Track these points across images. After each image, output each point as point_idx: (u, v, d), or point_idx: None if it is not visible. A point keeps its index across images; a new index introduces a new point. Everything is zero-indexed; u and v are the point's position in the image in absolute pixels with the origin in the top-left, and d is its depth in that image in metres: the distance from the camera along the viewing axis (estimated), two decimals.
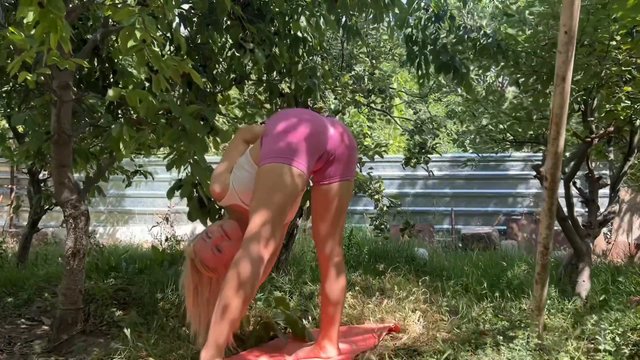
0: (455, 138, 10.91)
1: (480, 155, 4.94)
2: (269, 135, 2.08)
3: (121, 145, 2.61)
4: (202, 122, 2.75)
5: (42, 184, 4.96)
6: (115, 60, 3.61)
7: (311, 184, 2.29)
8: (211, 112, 2.75)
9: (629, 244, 6.32)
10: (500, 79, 11.06)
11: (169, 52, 3.48)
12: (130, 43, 1.91)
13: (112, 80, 3.66)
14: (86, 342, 2.67)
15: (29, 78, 1.98)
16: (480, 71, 4.08)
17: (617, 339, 2.15)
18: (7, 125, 5.50)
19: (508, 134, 4.66)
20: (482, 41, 3.44)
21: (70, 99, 2.80)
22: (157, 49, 2.15)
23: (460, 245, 7.07)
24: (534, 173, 3.64)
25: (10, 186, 9.19)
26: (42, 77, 2.55)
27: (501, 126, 4.42)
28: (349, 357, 2.21)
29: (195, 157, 2.67)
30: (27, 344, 2.85)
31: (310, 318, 2.98)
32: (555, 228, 8.03)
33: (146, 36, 1.98)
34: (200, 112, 2.72)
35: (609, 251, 6.29)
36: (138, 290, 3.66)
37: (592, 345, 2.23)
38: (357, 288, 3.47)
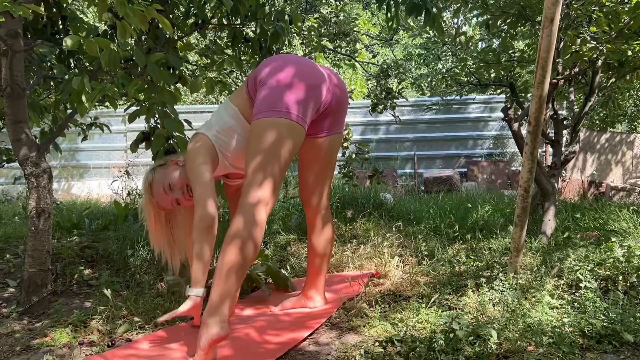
0: (412, 82, 10.92)
1: (444, 98, 4.94)
2: (265, 85, 1.94)
3: (83, 98, 2.44)
4: (168, 71, 2.60)
5: None
6: (64, 5, 3.34)
7: None
8: (177, 60, 2.59)
9: (582, 182, 6.59)
10: (456, 21, 11.00)
11: None
12: None
13: (61, 27, 3.40)
14: (60, 303, 2.59)
15: None
16: (449, 16, 4.02)
17: (588, 274, 2.25)
18: None
19: (473, 77, 4.68)
20: None
21: (22, 49, 2.58)
22: None
23: (423, 188, 7.20)
24: (501, 116, 3.68)
25: None
26: None
27: (467, 69, 4.42)
28: (336, 306, 2.23)
29: (166, 108, 2.53)
30: None
31: (288, 268, 2.98)
32: (514, 168, 8.24)
33: None
34: (167, 61, 2.56)
35: (563, 189, 6.55)
36: (105, 247, 3.55)
37: (563, 282, 2.32)
38: None
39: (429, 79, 9.87)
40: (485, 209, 4.64)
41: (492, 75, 4.46)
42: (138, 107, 3.04)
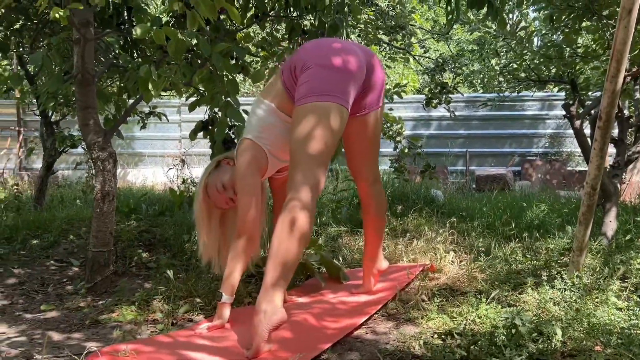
0: (463, 78, 10.72)
1: (500, 95, 4.83)
2: (311, 69, 1.93)
3: (150, 86, 2.52)
4: (232, 61, 2.65)
5: (55, 126, 4.89)
6: None
7: None
8: (242, 51, 2.64)
9: None
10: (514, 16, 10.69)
11: None
12: None
13: (126, 18, 3.52)
14: (122, 282, 2.70)
15: (60, 14, 1.88)
16: (509, 8, 3.92)
17: None
18: (10, 66, 5.36)
19: (532, 73, 4.55)
20: None
21: (93, 37, 2.69)
22: None
23: (475, 186, 7.06)
24: (558, 114, 3.57)
25: (17, 128, 9.10)
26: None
27: (526, 65, 4.30)
28: (392, 293, 2.24)
29: (229, 98, 2.59)
30: (60, 285, 2.88)
31: (340, 259, 2.99)
32: (571, 169, 7.96)
33: None
34: (230, 51, 2.61)
35: (622, 191, 6.29)
36: (162, 232, 3.67)
37: (630, 284, 2.24)
38: None
39: (481, 75, 9.67)
40: (541, 208, 4.51)
41: (553, 71, 4.32)
42: (198, 97, 3.13)
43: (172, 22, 3.15)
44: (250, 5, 3.44)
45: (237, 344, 1.74)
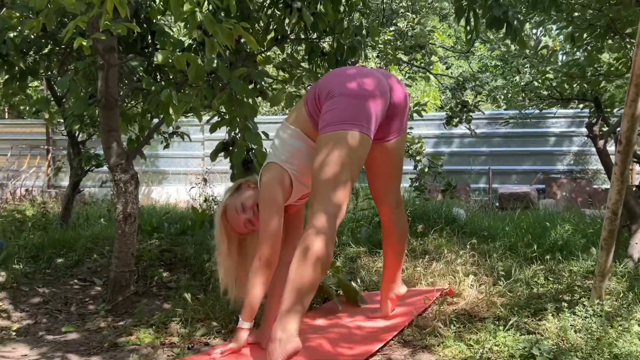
0: (487, 94, 10.66)
1: (522, 112, 4.79)
2: (335, 98, 1.95)
3: (171, 110, 2.58)
4: (250, 85, 2.69)
5: (81, 146, 5.01)
6: (154, 21, 3.54)
7: None
8: (259, 75, 2.68)
9: None
10: (536, 32, 10.63)
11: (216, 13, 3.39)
12: (187, 7, 1.85)
13: (150, 41, 3.61)
14: (141, 304, 2.73)
15: (84, 44, 1.94)
16: (529, 27, 3.90)
17: None
18: (40, 88, 5.54)
19: (555, 91, 4.50)
20: None
21: (117, 63, 2.77)
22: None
23: (497, 204, 6.97)
24: (582, 131, 3.52)
25: (46, 147, 9.34)
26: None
27: (548, 82, 4.26)
28: (408, 319, 2.22)
29: (247, 121, 2.63)
30: (82, 305, 2.93)
31: (358, 281, 2.98)
32: (597, 186, 7.78)
33: None
34: (248, 75, 2.66)
35: None
36: (183, 252, 3.71)
37: None
38: None
39: (505, 91, 9.59)
40: (565, 228, 4.42)
41: (576, 89, 4.27)
42: (220, 119, 3.18)
43: (194, 45, 3.23)
44: (271, 27, 3.50)
45: None
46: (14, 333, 2.36)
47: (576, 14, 3.50)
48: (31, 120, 9.76)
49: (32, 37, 3.55)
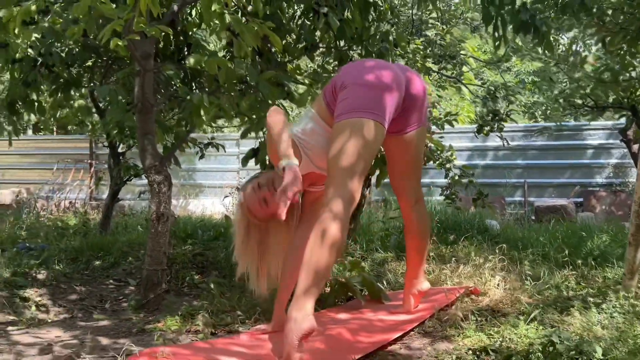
0: (525, 110, 10.52)
1: (557, 124, 4.72)
2: (349, 88, 2.01)
3: (202, 112, 2.69)
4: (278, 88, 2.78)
5: (121, 157, 5.22)
6: (190, 33, 3.70)
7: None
8: (286, 77, 2.77)
9: None
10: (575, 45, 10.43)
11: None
12: (214, 7, 1.95)
13: (186, 53, 3.76)
14: (171, 301, 2.81)
15: (119, 44, 2.06)
16: (560, 34, 3.88)
17: None
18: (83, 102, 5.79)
19: (589, 99, 4.43)
20: None
21: (152, 68, 2.90)
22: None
23: (534, 218, 6.83)
24: (619, 139, 3.46)
25: (89, 161, 9.73)
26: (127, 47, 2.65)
27: (582, 90, 4.21)
28: (430, 312, 2.22)
29: None
30: (116, 302, 3.04)
31: (385, 283, 2.99)
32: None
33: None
34: (277, 79, 2.74)
35: None
36: (215, 255, 3.80)
37: None
38: (431, 254, 3.44)
39: (544, 107, 9.43)
40: (602, 239, 4.31)
41: (612, 97, 4.20)
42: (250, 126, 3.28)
43: (229, 57, 3.35)
44: (302, 38, 3.60)
45: (271, 352, 1.78)
46: (49, 320, 2.48)
47: (608, 18, 3.47)
48: (76, 136, 10.20)
49: (77, 50, 3.77)
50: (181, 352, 1.72)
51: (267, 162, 2.94)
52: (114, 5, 2.10)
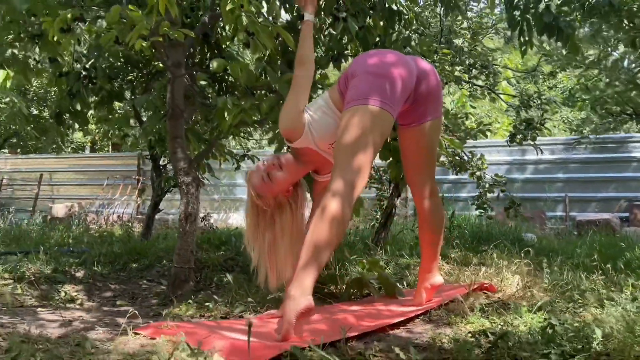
0: (572, 127, 10.24)
1: (598, 136, 4.60)
2: (358, 76, 2.06)
3: (225, 114, 2.82)
4: None
5: (162, 169, 5.45)
6: (223, 47, 3.87)
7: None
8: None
9: None
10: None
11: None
12: (229, 6, 2.07)
13: None
14: (189, 288, 2.92)
15: (143, 45, 2.22)
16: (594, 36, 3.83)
17: None
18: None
19: (627, 106, 4.32)
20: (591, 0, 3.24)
21: (181, 74, 3.07)
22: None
23: (576, 233, 6.62)
24: None
25: (137, 177, 10.16)
26: (158, 54, 2.82)
27: (617, 96, 4.11)
28: (438, 302, 2.23)
29: None
30: (147, 299, 3.18)
31: (404, 284, 2.99)
32: None
33: (243, 1, 2.14)
34: None
35: None
36: (245, 260, 3.90)
37: None
38: (454, 257, 3.43)
39: (593, 126, 9.18)
40: None
41: None
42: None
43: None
44: (330, 46, 3.71)
45: (274, 332, 1.83)
46: (77, 307, 2.63)
47: (637, 20, 3.41)
48: (126, 154, 10.71)
49: (118, 63, 4.01)
50: (186, 325, 1.80)
51: None
52: (141, 12, 2.26)
